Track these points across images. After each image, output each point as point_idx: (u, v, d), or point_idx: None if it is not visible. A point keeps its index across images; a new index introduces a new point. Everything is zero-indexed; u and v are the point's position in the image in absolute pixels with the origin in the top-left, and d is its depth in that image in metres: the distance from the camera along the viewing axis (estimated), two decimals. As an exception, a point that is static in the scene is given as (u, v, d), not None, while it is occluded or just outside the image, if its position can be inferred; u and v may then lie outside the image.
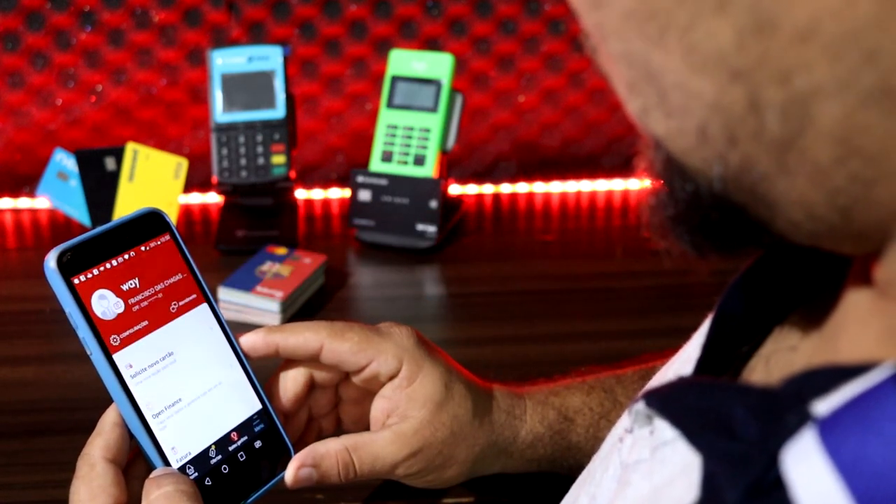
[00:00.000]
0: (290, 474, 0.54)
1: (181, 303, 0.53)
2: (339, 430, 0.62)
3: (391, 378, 0.58)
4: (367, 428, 0.61)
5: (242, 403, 0.54)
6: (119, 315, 0.50)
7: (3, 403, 0.80)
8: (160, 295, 0.52)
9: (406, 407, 0.58)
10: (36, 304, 0.94)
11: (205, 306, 0.54)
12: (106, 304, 0.50)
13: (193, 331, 0.53)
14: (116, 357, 0.50)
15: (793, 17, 0.23)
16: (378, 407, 0.59)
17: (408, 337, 0.59)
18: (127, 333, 0.50)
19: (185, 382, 0.52)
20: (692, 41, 0.24)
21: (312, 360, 0.58)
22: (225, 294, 0.91)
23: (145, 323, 0.51)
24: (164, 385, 0.51)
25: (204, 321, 0.54)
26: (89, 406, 0.51)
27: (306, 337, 0.56)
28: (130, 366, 0.50)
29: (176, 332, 0.53)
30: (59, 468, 0.51)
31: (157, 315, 0.52)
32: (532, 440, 0.62)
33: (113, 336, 0.50)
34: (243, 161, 1.08)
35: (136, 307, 0.51)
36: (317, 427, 0.62)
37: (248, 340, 0.56)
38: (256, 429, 0.54)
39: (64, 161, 1.10)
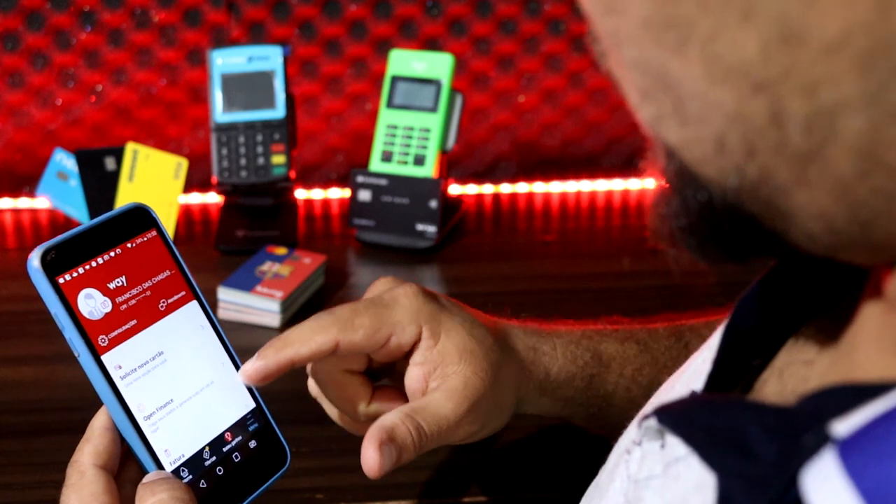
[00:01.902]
0: (372, 458, 0.50)
1: (170, 301, 0.52)
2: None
3: (415, 343, 0.56)
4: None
5: (236, 402, 0.53)
6: (106, 315, 0.49)
7: (3, 403, 0.80)
8: (148, 293, 0.51)
9: (443, 364, 0.55)
10: (36, 304, 0.93)
11: (194, 304, 0.53)
12: (93, 304, 0.48)
13: (183, 329, 0.52)
14: (105, 358, 0.48)
15: (822, 29, 0.22)
16: (413, 376, 0.56)
17: (415, 296, 0.57)
18: (115, 333, 0.49)
19: (177, 382, 0.51)
20: (715, 51, 0.24)
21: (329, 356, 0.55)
22: (225, 294, 0.91)
23: (134, 322, 0.50)
24: (154, 386, 0.50)
25: (194, 319, 0.53)
26: (89, 406, 0.50)
27: (318, 342, 0.53)
28: (119, 367, 0.49)
29: (165, 331, 0.51)
30: (58, 468, 0.51)
31: (146, 314, 0.51)
32: (565, 378, 0.60)
33: (101, 336, 0.48)
34: (243, 161, 1.08)
35: (124, 306, 0.50)
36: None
37: (257, 367, 0.52)
38: (251, 428, 0.53)
39: (64, 161, 1.10)
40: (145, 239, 0.52)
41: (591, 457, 0.53)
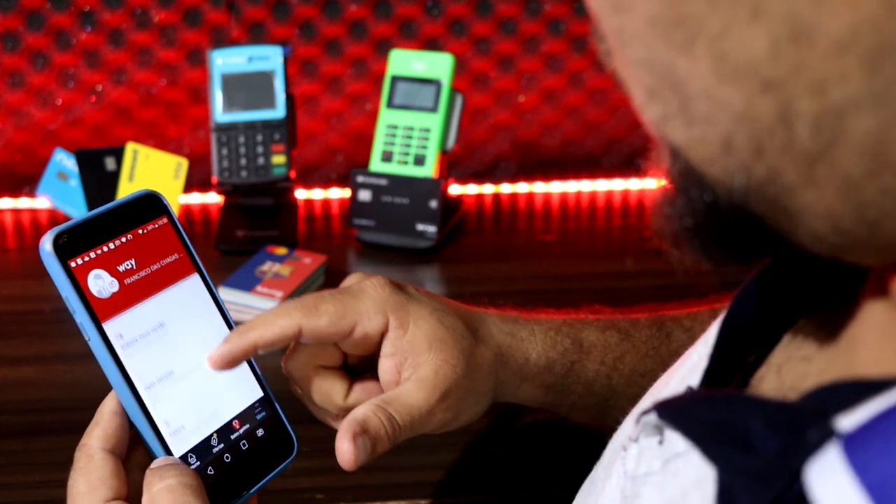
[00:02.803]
0: (347, 450, 0.50)
1: None
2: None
3: (382, 334, 0.56)
4: None
5: (244, 391, 0.53)
6: None
7: (3, 403, 0.80)
8: (158, 280, 0.51)
9: (413, 354, 0.55)
10: (36, 304, 0.94)
11: (206, 293, 0.53)
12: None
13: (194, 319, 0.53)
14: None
15: (831, 27, 0.22)
16: (385, 368, 0.56)
17: (381, 287, 0.56)
18: None
19: (187, 370, 0.51)
20: (723, 49, 0.24)
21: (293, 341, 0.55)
22: (225, 294, 0.91)
23: None
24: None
25: (205, 309, 0.53)
26: (89, 406, 0.50)
27: (281, 325, 0.53)
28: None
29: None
30: (58, 468, 0.51)
31: None
32: (546, 364, 0.60)
33: None
34: (243, 161, 1.08)
35: None
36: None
37: (222, 352, 0.52)
38: (258, 417, 0.53)
39: (64, 161, 1.10)
40: (157, 226, 0.52)
41: (590, 457, 0.53)
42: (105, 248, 0.50)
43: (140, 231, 0.51)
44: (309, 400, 0.58)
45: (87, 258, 0.49)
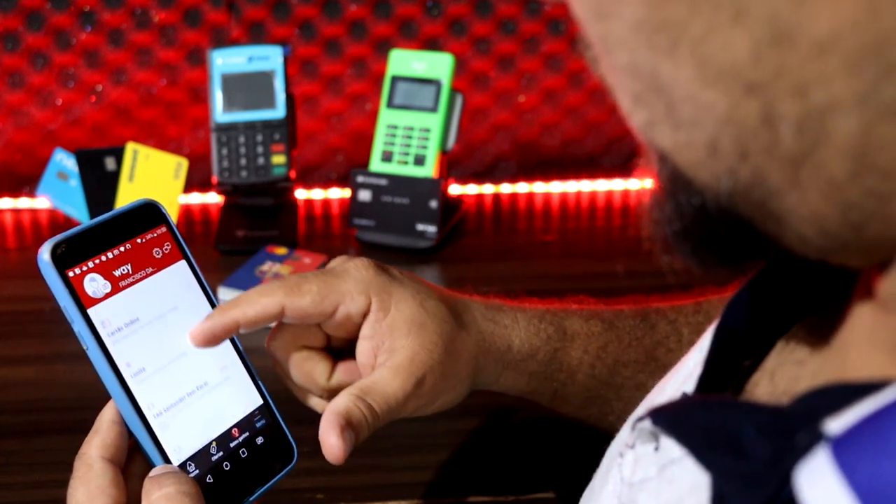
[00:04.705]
0: (336, 445, 0.50)
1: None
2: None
3: (364, 315, 0.56)
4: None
5: (243, 399, 0.53)
6: None
7: (3, 403, 0.80)
8: (158, 289, 0.51)
9: (391, 339, 0.55)
10: (36, 304, 0.94)
11: (204, 301, 0.53)
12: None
13: (193, 327, 0.52)
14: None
15: (812, 29, 0.22)
16: (363, 350, 0.56)
17: (365, 268, 0.56)
18: None
19: (186, 378, 0.51)
20: (706, 53, 0.24)
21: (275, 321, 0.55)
22: (225, 294, 0.91)
23: None
24: (163, 381, 0.50)
25: (203, 317, 0.53)
26: (89, 406, 0.50)
27: (264, 304, 0.53)
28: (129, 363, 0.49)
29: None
30: (58, 468, 0.51)
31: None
32: (528, 351, 0.60)
33: None
34: (243, 161, 1.08)
35: None
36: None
37: (203, 328, 0.52)
38: (258, 424, 0.53)
39: (64, 161, 1.10)
40: (155, 235, 0.52)
41: (591, 457, 0.53)
42: (103, 258, 0.49)
43: (138, 240, 0.51)
44: (290, 380, 0.58)
45: (84, 268, 0.49)
